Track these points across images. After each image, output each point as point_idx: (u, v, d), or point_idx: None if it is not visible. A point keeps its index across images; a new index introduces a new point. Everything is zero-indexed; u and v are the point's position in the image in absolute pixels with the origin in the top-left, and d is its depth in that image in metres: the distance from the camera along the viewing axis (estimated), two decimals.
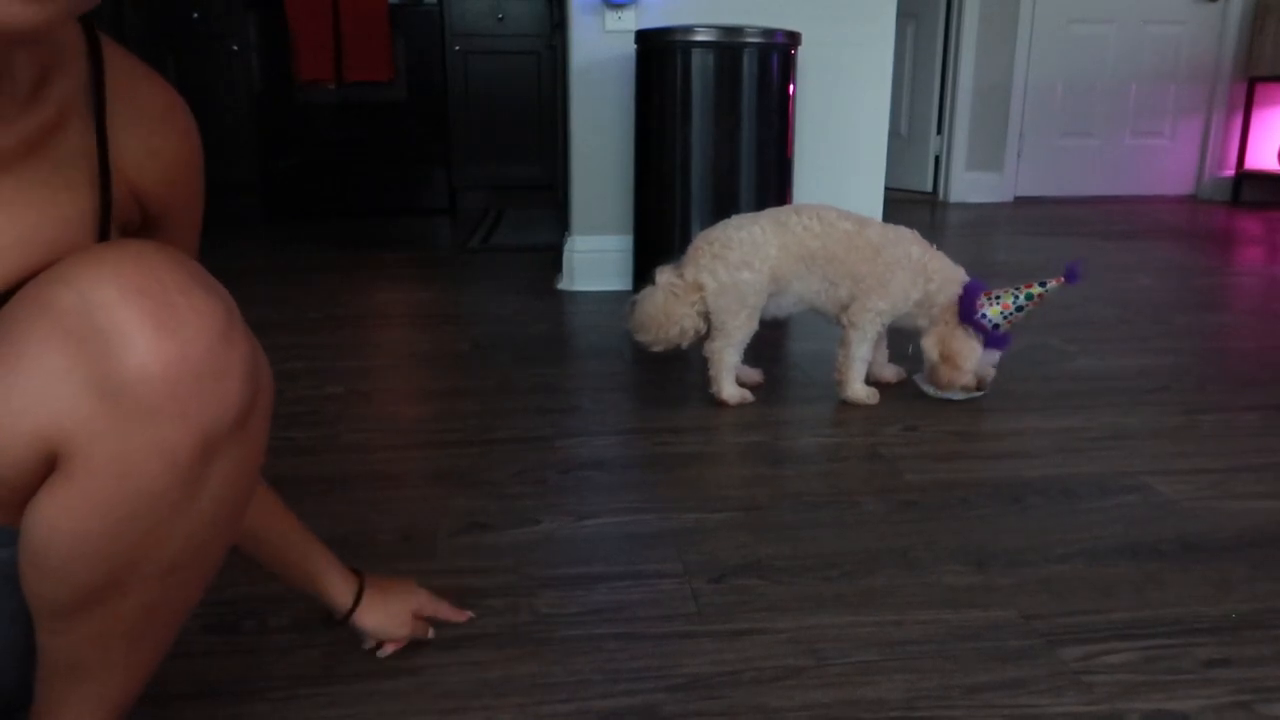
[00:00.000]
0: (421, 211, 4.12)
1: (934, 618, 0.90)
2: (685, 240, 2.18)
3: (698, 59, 2.09)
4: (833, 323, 1.59)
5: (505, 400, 1.57)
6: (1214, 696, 0.78)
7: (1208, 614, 0.91)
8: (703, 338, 1.56)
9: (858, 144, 2.48)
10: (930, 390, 1.56)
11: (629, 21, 2.31)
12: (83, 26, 0.57)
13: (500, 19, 4.07)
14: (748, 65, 2.11)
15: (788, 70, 2.16)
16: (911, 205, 4.28)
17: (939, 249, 1.57)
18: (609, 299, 2.35)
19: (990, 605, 0.92)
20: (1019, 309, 1.48)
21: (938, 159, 4.58)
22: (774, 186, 2.21)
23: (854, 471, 1.27)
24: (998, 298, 1.50)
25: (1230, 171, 4.75)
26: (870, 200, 2.51)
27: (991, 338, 1.51)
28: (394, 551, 1.04)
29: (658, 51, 2.13)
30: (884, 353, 1.65)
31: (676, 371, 1.76)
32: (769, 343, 1.96)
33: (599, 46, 2.35)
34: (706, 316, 1.54)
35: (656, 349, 1.56)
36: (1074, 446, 1.35)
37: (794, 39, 2.15)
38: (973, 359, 1.50)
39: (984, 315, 1.49)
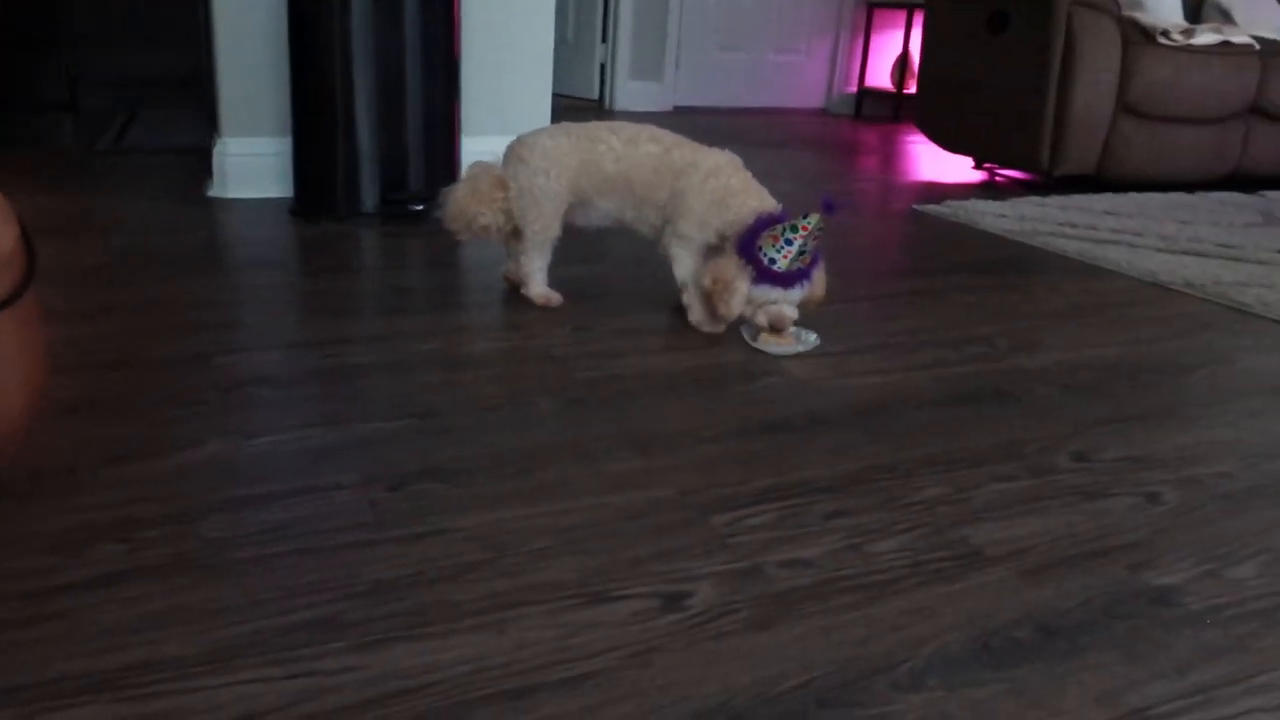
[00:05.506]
0: (32, 106, 3.55)
1: (602, 502, 0.97)
2: (351, 142, 2.09)
3: None
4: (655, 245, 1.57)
5: (154, 318, 1.43)
6: (832, 543, 0.92)
7: (827, 475, 1.06)
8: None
9: (524, 48, 2.48)
10: (763, 346, 1.44)
11: None
12: None
13: None
14: None
15: None
16: (579, 112, 4.36)
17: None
18: (268, 206, 2.20)
19: (651, 486, 1.01)
20: (788, 242, 1.39)
21: (603, 67, 4.68)
22: (441, 85, 2.16)
23: (528, 373, 1.31)
24: (773, 232, 1.40)
25: (853, 88, 5.30)
26: (537, 105, 2.53)
27: (767, 274, 1.40)
28: (25, 490, 0.93)
29: None
30: None
31: (346, 282, 1.70)
32: (447, 247, 1.94)
33: None
34: (512, 214, 1.55)
35: (462, 239, 1.61)
36: (725, 337, 1.49)
37: None
38: (739, 293, 1.41)
39: (760, 249, 1.40)
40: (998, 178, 3.35)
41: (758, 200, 1.48)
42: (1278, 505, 1.05)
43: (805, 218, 1.40)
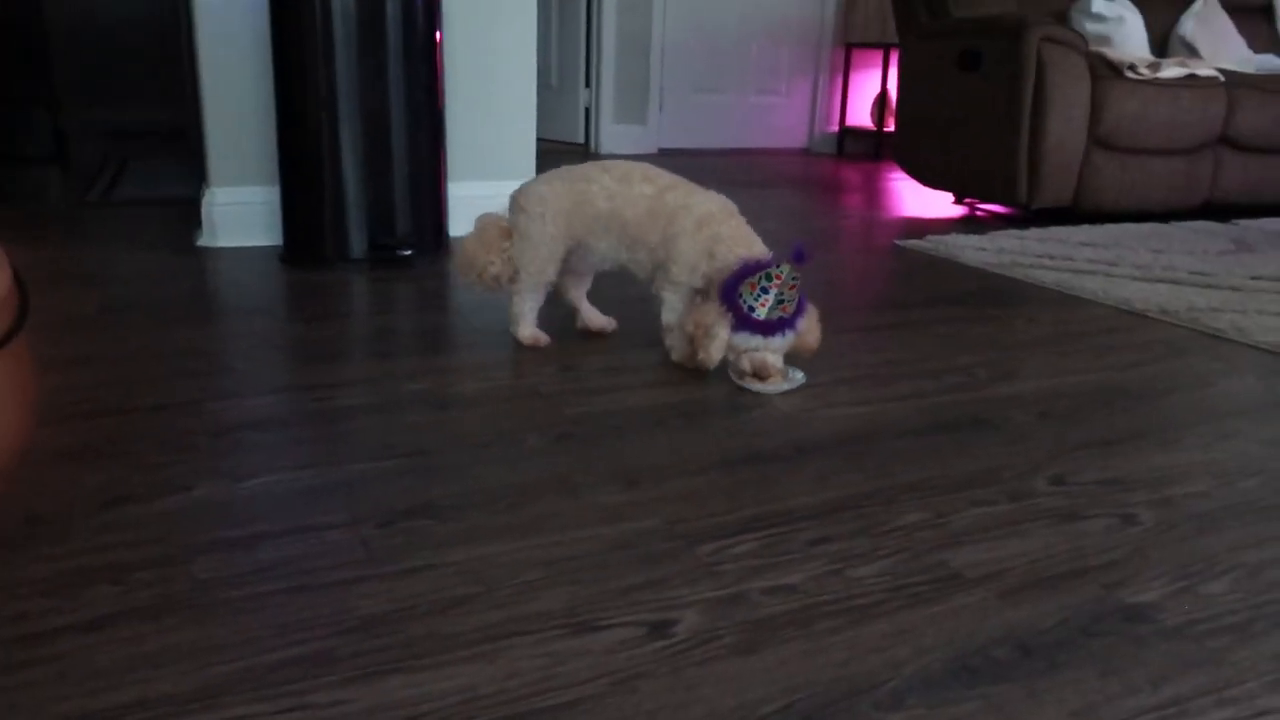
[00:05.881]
0: (22, 160, 3.59)
1: (591, 534, 0.99)
2: (338, 190, 2.12)
3: None
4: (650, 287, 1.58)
5: (145, 365, 1.45)
6: (815, 569, 0.94)
7: (811, 503, 1.08)
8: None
9: (508, 94, 2.53)
10: (749, 385, 1.45)
11: None
12: None
13: None
14: (391, 8, 2.07)
15: (433, 16, 2.15)
16: (565, 156, 4.43)
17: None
18: (257, 255, 2.23)
19: (638, 517, 1.03)
20: (764, 290, 1.39)
21: (588, 111, 4.76)
22: (426, 133, 2.20)
23: (517, 411, 1.33)
24: (752, 280, 1.40)
25: (835, 127, 5.39)
26: (522, 150, 2.58)
27: (747, 321, 1.41)
28: (20, 536, 0.95)
29: None
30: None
31: (335, 326, 1.72)
32: (432, 293, 1.97)
33: None
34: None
35: (477, 289, 1.63)
36: (710, 372, 1.51)
37: None
38: (719, 339, 1.42)
39: (740, 296, 1.40)
40: (978, 212, 3.41)
41: (745, 248, 1.46)
42: (1250, 523, 1.08)
43: (779, 267, 1.40)
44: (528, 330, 1.62)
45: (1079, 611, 0.88)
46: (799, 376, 1.49)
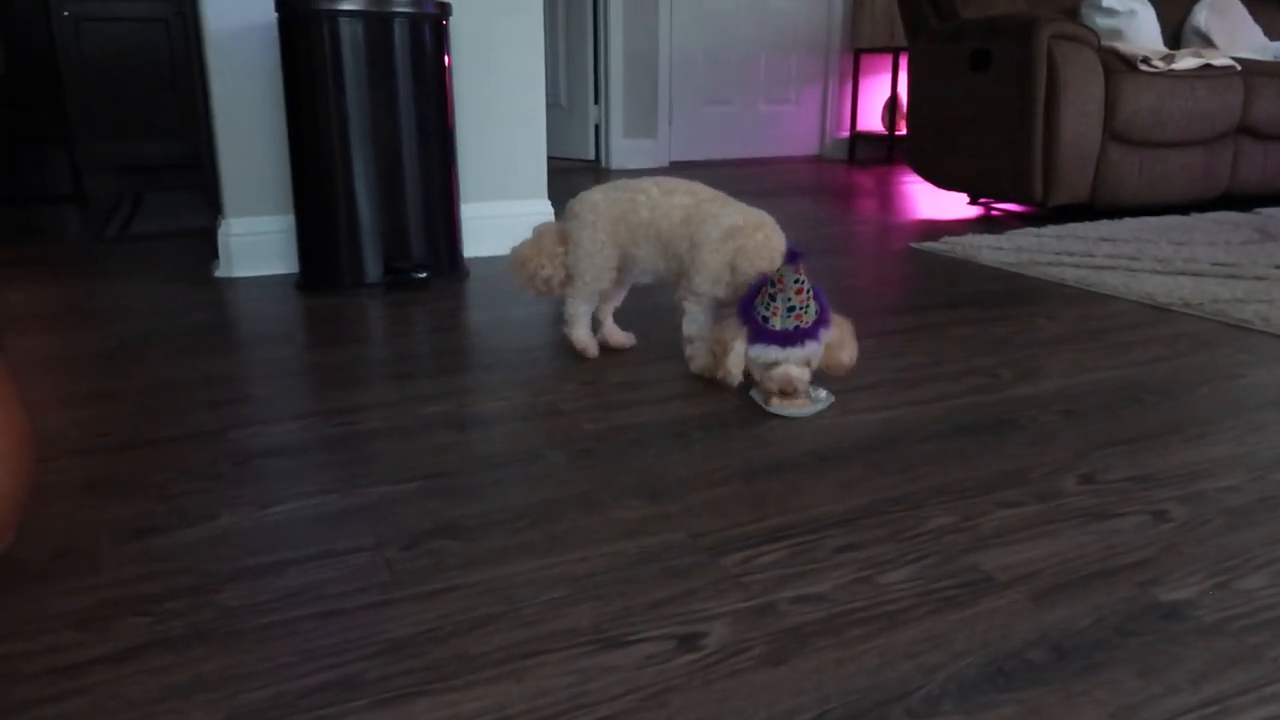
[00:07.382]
0: (40, 199, 3.64)
1: (615, 549, 0.98)
2: (352, 216, 2.14)
3: (346, 28, 2.04)
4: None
5: (165, 397, 1.46)
6: (843, 576, 0.93)
7: (836, 510, 1.07)
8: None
9: (517, 114, 2.54)
10: (777, 410, 1.39)
11: None
12: None
13: None
14: (399, 35, 2.08)
15: (441, 41, 2.16)
16: (577, 173, 4.44)
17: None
18: (274, 283, 2.24)
19: (662, 531, 1.02)
20: (771, 299, 1.37)
21: (598, 128, 4.78)
22: (438, 155, 2.21)
23: (537, 429, 1.33)
24: (765, 290, 1.38)
25: (846, 133, 5.38)
26: (533, 169, 2.59)
27: (762, 333, 1.38)
28: (48, 572, 0.95)
29: (302, 19, 2.04)
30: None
31: (354, 351, 1.72)
32: (448, 315, 1.97)
33: (235, 13, 2.21)
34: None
35: (529, 293, 1.68)
36: (727, 385, 1.50)
37: (444, 9, 2.15)
38: (735, 351, 1.40)
39: (755, 308, 1.38)
40: (994, 212, 3.39)
41: (767, 262, 1.43)
42: None
43: (777, 271, 1.38)
44: (581, 333, 1.65)
45: (1114, 611, 0.86)
46: (822, 395, 1.43)
